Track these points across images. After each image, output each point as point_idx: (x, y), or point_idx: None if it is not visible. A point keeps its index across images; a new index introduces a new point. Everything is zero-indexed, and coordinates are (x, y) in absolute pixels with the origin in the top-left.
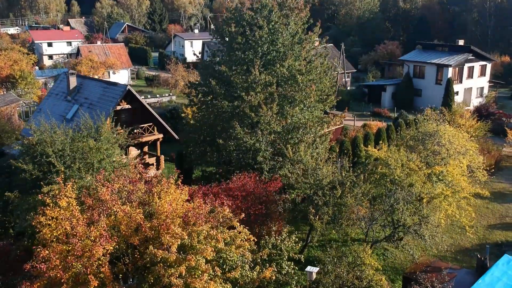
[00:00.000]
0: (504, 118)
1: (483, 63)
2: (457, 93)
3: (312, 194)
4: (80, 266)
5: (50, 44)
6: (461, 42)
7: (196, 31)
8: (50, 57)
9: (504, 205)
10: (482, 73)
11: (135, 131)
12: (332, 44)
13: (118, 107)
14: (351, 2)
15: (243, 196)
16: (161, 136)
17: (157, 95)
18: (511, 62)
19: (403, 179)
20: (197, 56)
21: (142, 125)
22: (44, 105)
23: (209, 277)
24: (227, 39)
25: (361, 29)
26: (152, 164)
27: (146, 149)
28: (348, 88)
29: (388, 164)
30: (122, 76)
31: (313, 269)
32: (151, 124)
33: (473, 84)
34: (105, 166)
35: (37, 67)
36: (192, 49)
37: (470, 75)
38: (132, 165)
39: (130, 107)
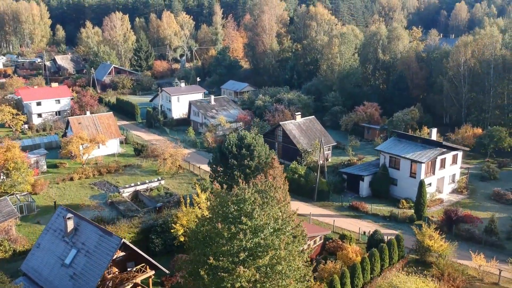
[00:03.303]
0: (476, 220)
1: (455, 152)
2: (430, 184)
3: None
4: None
5: (39, 103)
6: (434, 132)
7: (183, 84)
8: (39, 115)
9: None
10: (454, 161)
11: (129, 270)
12: (313, 116)
13: (114, 256)
14: (332, 57)
15: None
16: (153, 272)
17: (147, 181)
18: (482, 134)
19: None
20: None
21: (135, 267)
22: (42, 240)
23: None
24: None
25: (342, 84)
26: None
27: (139, 281)
28: (329, 159)
29: None
30: (110, 148)
31: None
32: (143, 264)
33: (446, 173)
34: None
35: (26, 126)
36: (179, 104)
37: (443, 166)
38: None
39: (124, 253)
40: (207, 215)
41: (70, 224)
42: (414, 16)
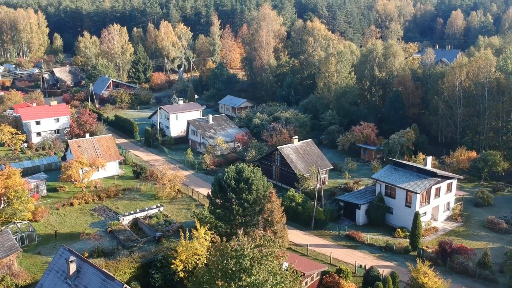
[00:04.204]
0: (469, 252)
1: (450, 181)
2: (425, 213)
3: None
4: None
5: (38, 122)
6: (429, 160)
7: (181, 102)
8: (39, 134)
9: None
10: (449, 189)
11: None
12: (310, 139)
13: None
14: (328, 75)
15: None
16: None
17: (146, 208)
18: (477, 158)
19: None
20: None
21: None
22: (45, 281)
23: None
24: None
25: (338, 102)
26: None
27: None
28: (326, 183)
29: None
30: (110, 170)
31: None
32: None
33: (440, 202)
34: None
35: (25, 144)
36: (177, 121)
37: (438, 194)
38: None
39: None
40: (206, 269)
41: (73, 267)
42: (411, 23)
